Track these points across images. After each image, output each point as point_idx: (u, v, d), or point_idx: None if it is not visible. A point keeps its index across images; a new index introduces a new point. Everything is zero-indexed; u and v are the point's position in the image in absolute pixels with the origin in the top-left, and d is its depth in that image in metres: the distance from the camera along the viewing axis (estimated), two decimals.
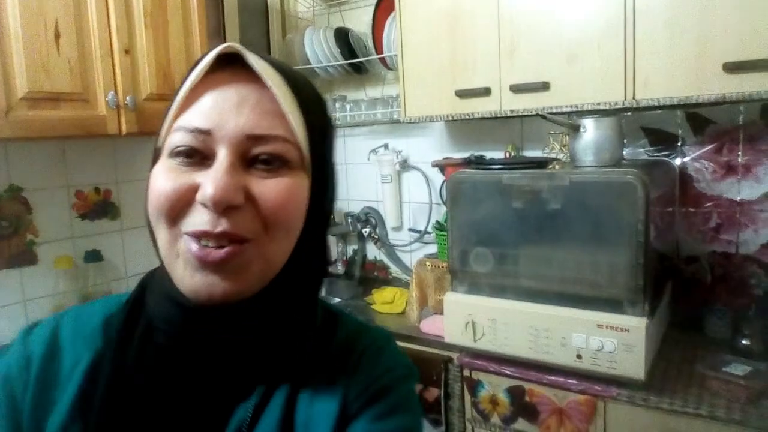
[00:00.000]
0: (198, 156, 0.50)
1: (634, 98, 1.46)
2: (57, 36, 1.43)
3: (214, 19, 2.24)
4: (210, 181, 0.48)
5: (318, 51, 2.22)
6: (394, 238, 2.40)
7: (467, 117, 1.75)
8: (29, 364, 0.56)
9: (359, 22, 2.30)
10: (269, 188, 0.50)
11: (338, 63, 2.21)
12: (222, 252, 0.48)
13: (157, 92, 1.67)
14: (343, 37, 2.21)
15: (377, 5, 2.11)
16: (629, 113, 1.76)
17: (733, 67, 1.32)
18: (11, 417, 0.54)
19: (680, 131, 1.72)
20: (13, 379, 0.55)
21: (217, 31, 2.27)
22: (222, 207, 0.47)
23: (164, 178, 0.50)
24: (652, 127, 1.77)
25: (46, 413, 0.54)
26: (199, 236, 0.49)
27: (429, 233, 2.22)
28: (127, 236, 2.01)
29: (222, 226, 0.48)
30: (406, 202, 2.35)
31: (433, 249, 2.15)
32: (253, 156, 0.50)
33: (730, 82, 1.33)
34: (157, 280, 0.56)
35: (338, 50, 2.20)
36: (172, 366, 0.53)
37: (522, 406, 1.53)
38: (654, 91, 1.43)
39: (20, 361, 0.56)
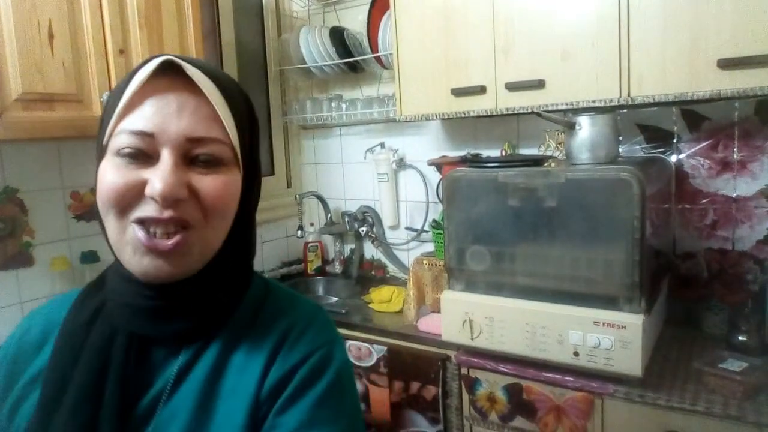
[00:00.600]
0: (143, 156, 0.57)
1: (629, 95, 1.47)
2: (51, 37, 1.43)
3: (209, 19, 2.24)
4: (158, 179, 0.55)
5: (313, 50, 2.22)
6: (391, 236, 2.40)
7: (463, 115, 1.75)
8: (8, 345, 0.68)
9: (354, 21, 2.30)
10: (208, 184, 0.58)
11: (334, 62, 2.21)
12: (170, 243, 0.56)
13: None
14: (338, 36, 2.21)
15: (372, 4, 2.11)
16: (624, 110, 1.77)
17: (727, 64, 1.32)
18: None
19: (676, 128, 1.73)
20: (6, 351, 0.67)
21: (211, 31, 2.27)
22: (169, 201, 0.55)
23: (113, 174, 0.57)
24: (647, 124, 1.77)
25: (16, 379, 0.65)
26: (146, 222, 0.56)
27: (426, 232, 2.22)
28: None
29: (168, 213, 0.55)
30: (402, 201, 2.35)
31: (430, 247, 2.15)
32: (193, 156, 0.58)
33: (724, 78, 1.34)
34: (114, 268, 0.64)
35: (334, 49, 2.20)
36: (115, 330, 0.61)
37: (519, 404, 1.53)
38: (649, 88, 1.44)
39: (7, 342, 0.69)
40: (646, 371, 1.36)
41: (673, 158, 1.74)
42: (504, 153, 1.98)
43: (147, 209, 0.56)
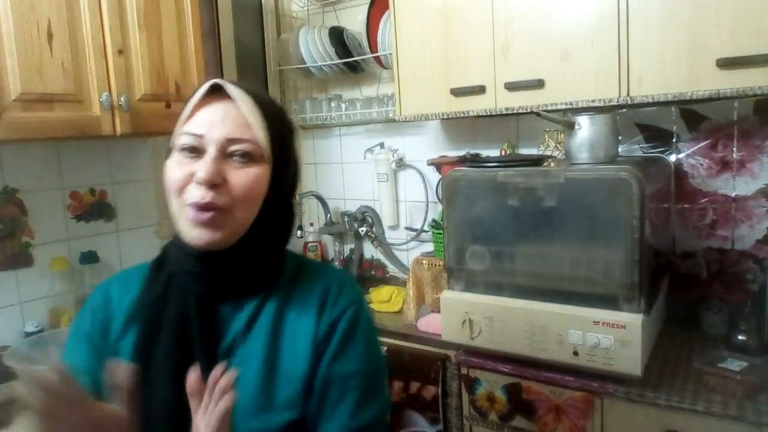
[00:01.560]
0: (196, 151, 0.77)
1: (628, 95, 1.47)
2: (50, 37, 1.43)
3: (208, 19, 2.24)
4: (202, 168, 0.75)
5: (313, 50, 2.22)
6: (390, 236, 2.40)
7: (462, 115, 1.75)
8: (95, 306, 0.88)
9: (354, 21, 2.30)
10: (239, 176, 0.77)
11: (333, 62, 2.21)
12: (208, 215, 0.76)
13: (151, 92, 1.66)
14: (337, 36, 2.21)
15: (371, 4, 2.11)
16: (624, 110, 1.77)
17: (726, 63, 1.32)
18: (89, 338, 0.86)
19: (675, 127, 1.73)
20: (92, 313, 0.88)
21: (211, 32, 2.26)
22: (208, 184, 0.75)
23: (175, 168, 0.78)
24: (646, 123, 1.77)
25: (107, 334, 0.85)
26: (194, 204, 0.75)
27: (425, 231, 2.22)
28: (123, 237, 2.00)
29: (207, 198, 0.75)
30: (402, 201, 2.35)
31: (429, 247, 2.15)
32: (230, 152, 0.78)
33: (723, 77, 1.34)
34: (175, 244, 0.83)
35: (333, 49, 2.20)
36: (186, 294, 0.81)
37: (519, 404, 1.53)
38: (648, 87, 1.44)
39: (90, 304, 0.89)
40: (645, 371, 1.36)
41: (673, 158, 1.74)
42: (503, 153, 1.98)
43: (194, 194, 0.75)
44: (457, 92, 1.73)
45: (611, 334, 1.35)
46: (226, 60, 2.31)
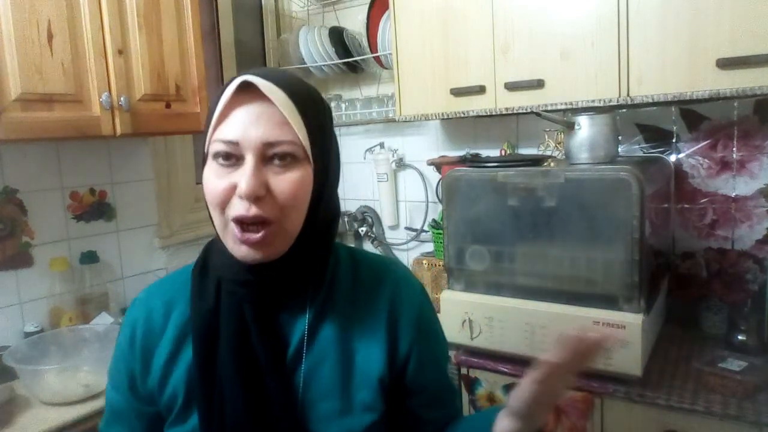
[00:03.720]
0: (233, 158, 0.71)
1: (628, 95, 1.47)
2: (50, 37, 1.43)
3: (208, 19, 2.24)
4: (243, 181, 0.69)
5: (313, 50, 2.22)
6: (390, 236, 2.40)
7: (462, 115, 1.75)
8: (133, 327, 0.82)
9: (354, 21, 2.30)
10: (283, 182, 0.71)
11: (333, 62, 2.21)
12: (258, 236, 0.70)
13: (151, 93, 1.66)
14: (337, 36, 2.21)
15: (371, 4, 2.11)
16: (624, 110, 1.77)
17: (726, 63, 1.32)
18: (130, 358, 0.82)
19: (675, 127, 1.73)
20: (131, 334, 0.83)
21: (211, 32, 2.27)
22: (252, 198, 0.69)
23: (214, 179, 0.72)
24: (646, 123, 1.77)
25: (152, 354, 0.80)
26: (239, 219, 0.70)
27: (425, 232, 2.23)
28: (123, 237, 2.00)
29: (253, 211, 0.69)
30: (402, 201, 2.35)
31: (429, 247, 2.15)
32: (270, 155, 0.71)
33: (723, 78, 1.34)
34: (217, 248, 0.79)
35: (333, 49, 2.20)
36: (239, 301, 0.76)
37: None
38: (648, 87, 1.44)
39: (132, 324, 0.83)
40: (645, 371, 1.37)
41: (673, 158, 1.74)
42: (503, 153, 1.99)
43: (238, 208, 0.70)
44: (457, 92, 1.73)
45: (611, 334, 1.35)
46: (226, 60, 2.31)
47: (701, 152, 1.69)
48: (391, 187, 2.31)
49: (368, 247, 2.47)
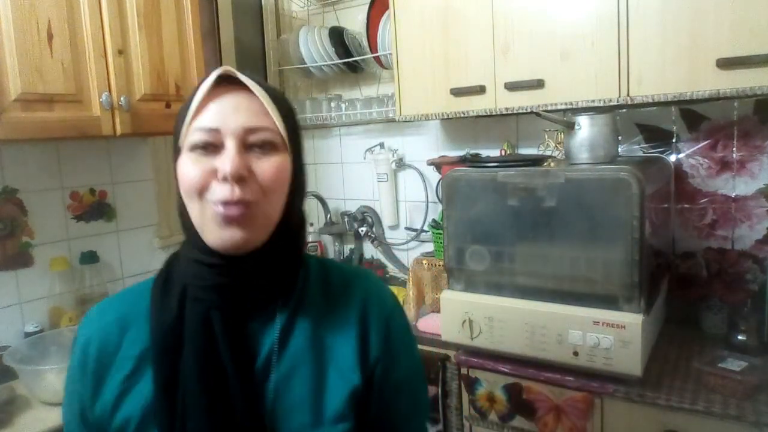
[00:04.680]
0: (211, 147, 0.70)
1: (628, 95, 1.47)
2: (50, 37, 1.43)
3: (208, 20, 2.24)
4: (227, 162, 0.68)
5: (313, 50, 2.22)
6: (390, 236, 2.40)
7: (462, 115, 1.75)
8: (86, 347, 0.76)
9: (354, 21, 2.30)
10: (264, 166, 0.71)
11: (333, 62, 2.21)
12: (241, 209, 0.68)
13: (151, 93, 1.66)
14: (337, 36, 2.21)
15: (371, 4, 2.11)
16: (624, 110, 1.77)
17: (726, 63, 1.32)
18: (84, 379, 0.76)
19: (675, 127, 1.73)
20: (87, 353, 0.76)
21: (211, 32, 2.26)
22: (237, 177, 0.67)
23: (190, 166, 0.70)
24: (646, 123, 1.77)
25: (104, 377, 0.74)
26: (223, 203, 0.68)
27: (425, 231, 2.22)
28: (123, 237, 2.00)
29: (237, 193, 0.68)
30: (402, 201, 2.35)
31: (429, 247, 2.15)
32: (250, 143, 0.70)
33: (723, 78, 1.34)
34: (181, 257, 0.76)
35: (333, 49, 2.20)
36: (207, 308, 0.72)
37: (519, 404, 1.53)
38: (648, 87, 1.44)
39: (84, 344, 0.77)
40: (645, 371, 1.36)
41: (673, 158, 1.74)
42: (503, 153, 1.98)
43: (220, 191, 0.68)
44: (457, 92, 1.73)
45: (611, 334, 1.35)
46: (226, 60, 2.31)
47: (701, 152, 1.69)
48: (391, 187, 2.31)
49: (368, 247, 2.47)
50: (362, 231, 2.40)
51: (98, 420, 0.73)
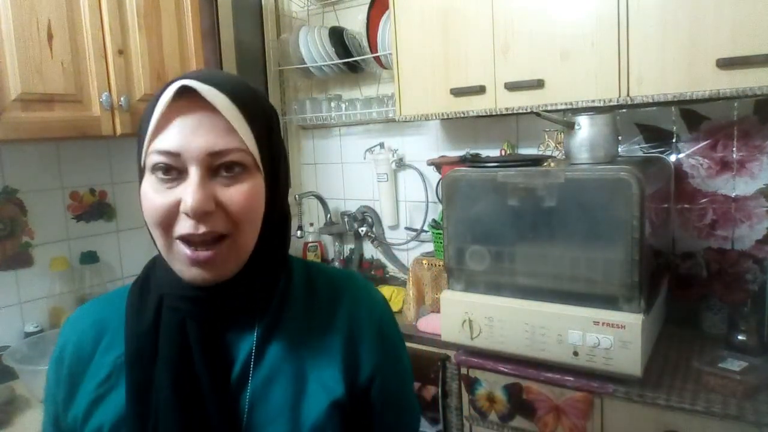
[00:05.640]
0: (174, 171, 0.64)
1: (628, 95, 1.47)
2: (50, 37, 1.43)
3: (208, 20, 2.24)
4: (188, 196, 0.62)
5: (313, 50, 2.22)
6: (390, 236, 2.40)
7: (462, 115, 1.75)
8: (61, 354, 0.74)
9: (354, 21, 2.30)
10: (233, 195, 0.64)
11: (333, 62, 2.21)
12: (209, 253, 0.64)
13: (151, 93, 1.66)
14: (337, 36, 2.21)
15: (371, 4, 2.11)
16: (624, 110, 1.77)
17: (726, 63, 1.32)
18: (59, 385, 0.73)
19: (675, 128, 1.73)
20: (62, 357, 0.74)
21: (211, 32, 2.26)
22: (199, 215, 0.62)
23: (153, 195, 0.64)
24: (646, 123, 1.77)
25: (78, 382, 0.72)
26: (187, 239, 0.64)
27: (425, 231, 2.22)
28: (123, 237, 2.00)
29: (202, 229, 0.63)
30: (402, 201, 2.35)
31: (429, 247, 2.15)
32: (216, 166, 0.64)
33: (723, 78, 1.34)
34: (161, 264, 0.71)
35: (333, 49, 2.20)
36: (182, 318, 0.69)
37: (519, 404, 1.53)
38: (648, 87, 1.44)
39: (61, 347, 0.75)
40: (645, 371, 1.36)
41: (673, 158, 1.74)
42: (503, 153, 1.99)
43: (184, 226, 0.63)
44: (457, 92, 1.73)
45: (611, 334, 1.35)
46: (226, 60, 2.31)
47: (701, 152, 1.69)
48: (391, 187, 2.31)
49: (368, 247, 2.47)
50: (362, 231, 2.40)
51: (70, 427, 0.71)
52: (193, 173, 0.63)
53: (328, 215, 2.49)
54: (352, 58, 2.19)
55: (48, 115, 1.43)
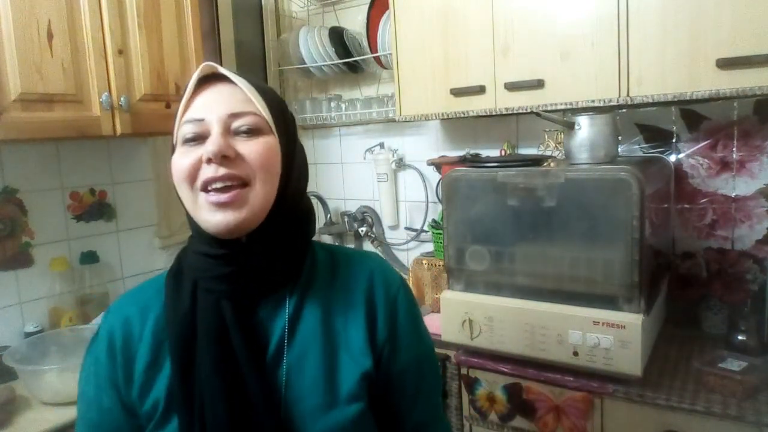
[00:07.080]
0: (200, 139, 0.73)
1: (628, 95, 1.46)
2: (50, 37, 1.43)
3: (208, 20, 2.24)
4: (210, 143, 0.71)
5: (313, 50, 2.22)
6: (390, 236, 2.40)
7: (462, 115, 1.75)
8: (112, 337, 0.79)
9: (354, 21, 2.30)
10: (251, 147, 0.73)
11: (333, 62, 2.21)
12: (229, 194, 0.71)
13: (151, 93, 1.66)
14: (337, 36, 2.21)
15: (371, 4, 2.11)
16: (624, 110, 1.77)
17: (726, 63, 1.32)
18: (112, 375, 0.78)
19: (675, 128, 1.73)
20: (109, 345, 0.79)
21: (211, 32, 2.27)
22: (219, 156, 0.70)
23: (181, 159, 0.73)
24: (646, 123, 1.77)
25: (133, 362, 0.77)
26: (208, 184, 0.71)
27: (425, 232, 2.22)
28: (123, 237, 2.00)
29: (221, 171, 0.70)
30: (402, 201, 2.35)
31: (429, 247, 2.15)
32: (235, 128, 0.73)
33: (723, 78, 1.34)
34: (191, 250, 0.78)
35: (333, 49, 2.20)
36: (217, 298, 0.74)
37: (519, 404, 1.53)
38: (648, 87, 1.44)
39: (108, 334, 0.80)
40: (645, 371, 1.36)
41: (673, 158, 1.74)
42: (503, 153, 1.99)
43: (207, 172, 0.71)
44: (457, 92, 1.73)
45: (611, 334, 1.35)
46: (226, 60, 2.31)
47: (701, 152, 1.69)
48: (391, 187, 2.31)
49: (368, 247, 2.47)
50: (362, 231, 2.39)
51: (132, 403, 0.77)
52: (214, 129, 0.72)
53: (328, 215, 2.49)
54: (352, 58, 2.19)
55: (48, 115, 1.44)
